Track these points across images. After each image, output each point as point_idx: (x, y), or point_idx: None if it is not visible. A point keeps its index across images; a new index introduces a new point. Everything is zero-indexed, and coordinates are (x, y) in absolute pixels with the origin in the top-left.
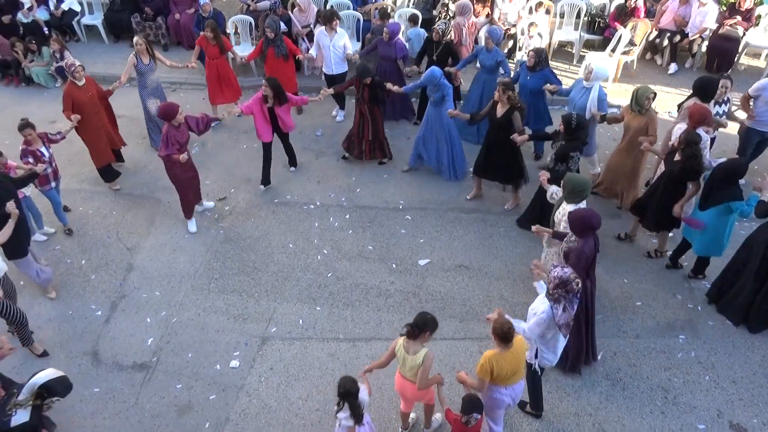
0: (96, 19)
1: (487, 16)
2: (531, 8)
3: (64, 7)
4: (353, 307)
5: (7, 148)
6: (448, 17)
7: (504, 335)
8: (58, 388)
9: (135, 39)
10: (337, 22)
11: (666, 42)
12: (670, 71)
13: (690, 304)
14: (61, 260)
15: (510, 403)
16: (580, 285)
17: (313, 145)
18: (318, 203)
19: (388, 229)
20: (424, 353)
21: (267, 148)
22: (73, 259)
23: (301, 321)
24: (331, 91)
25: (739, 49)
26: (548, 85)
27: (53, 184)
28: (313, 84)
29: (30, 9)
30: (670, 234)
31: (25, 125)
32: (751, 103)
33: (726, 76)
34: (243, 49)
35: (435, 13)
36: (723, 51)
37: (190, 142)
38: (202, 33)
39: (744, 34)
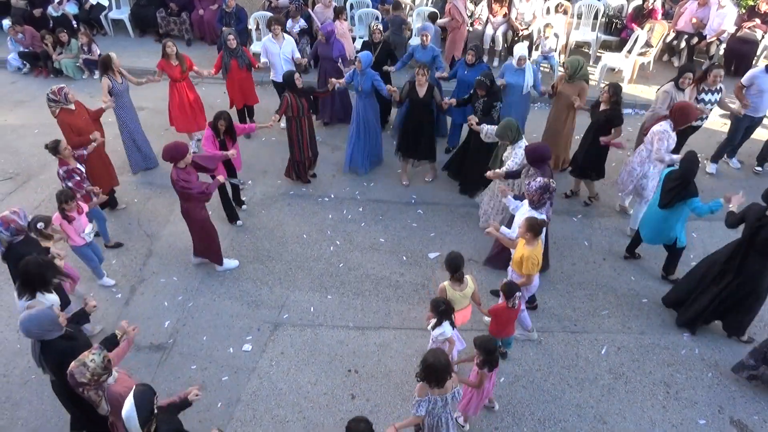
0: (123, 14)
1: (504, 15)
2: (548, 8)
3: (93, 1)
4: (363, 297)
5: (35, 137)
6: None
7: (539, 228)
8: (144, 406)
9: (111, 55)
10: (279, 28)
11: (683, 44)
12: None
13: None
14: None
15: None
16: (554, 183)
17: (329, 140)
18: (332, 196)
19: (399, 222)
20: (469, 278)
21: (222, 189)
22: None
23: (312, 309)
24: (276, 118)
25: (758, 52)
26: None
27: (95, 199)
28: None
29: (60, 3)
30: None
31: (56, 144)
32: (744, 92)
33: (719, 65)
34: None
35: None
36: (741, 54)
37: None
38: (162, 58)
39: (762, 37)
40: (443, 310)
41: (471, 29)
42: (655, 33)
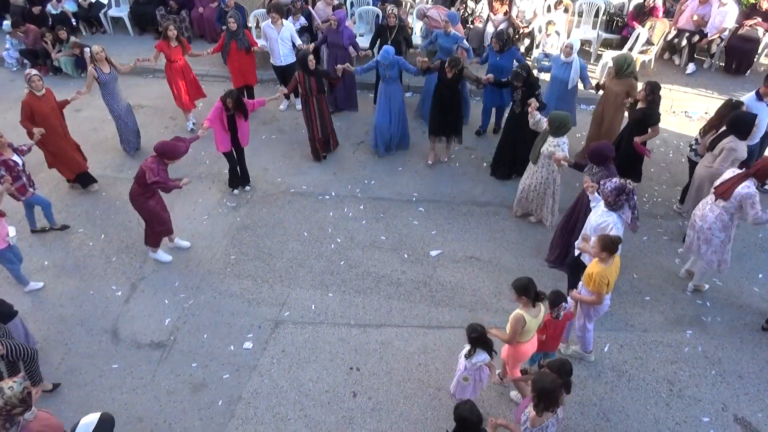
0: (122, 12)
1: (505, 13)
2: (549, 6)
3: None
4: (364, 295)
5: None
6: (467, 14)
7: (613, 246)
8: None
9: (93, 48)
10: (276, 16)
11: (684, 42)
12: (688, 71)
13: (699, 301)
14: (84, 242)
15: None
16: (632, 184)
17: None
18: (333, 194)
19: (401, 220)
20: (541, 307)
21: (228, 156)
22: (95, 241)
23: (313, 306)
24: (285, 90)
25: (759, 50)
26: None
27: (32, 190)
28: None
29: (59, 0)
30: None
31: None
32: None
33: None
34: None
35: (453, 9)
36: (742, 52)
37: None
38: (161, 39)
39: (764, 34)
40: (476, 338)
41: (472, 27)
42: (656, 31)
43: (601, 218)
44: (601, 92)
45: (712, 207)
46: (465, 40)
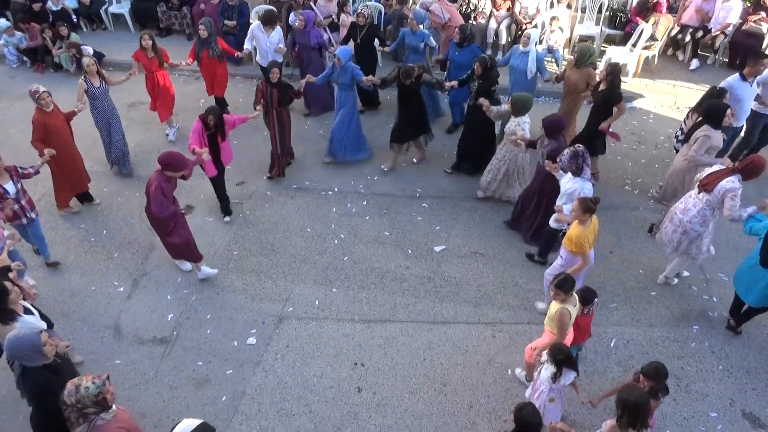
0: (123, 8)
1: (508, 9)
2: (552, 2)
3: None
4: (368, 290)
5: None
6: (469, 9)
7: (594, 206)
8: None
9: (84, 60)
10: (270, 29)
11: (688, 37)
12: (691, 67)
13: (705, 296)
14: (86, 238)
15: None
16: (581, 147)
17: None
18: (336, 189)
19: (404, 215)
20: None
21: (216, 181)
22: (96, 237)
23: (317, 302)
24: (259, 108)
25: (763, 46)
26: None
27: (24, 220)
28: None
29: None
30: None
31: None
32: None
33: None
34: None
35: (456, 5)
36: (746, 47)
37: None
38: (138, 48)
39: None
40: (563, 359)
41: (474, 22)
42: (660, 26)
43: (568, 184)
44: (555, 82)
45: (695, 201)
46: (432, 38)
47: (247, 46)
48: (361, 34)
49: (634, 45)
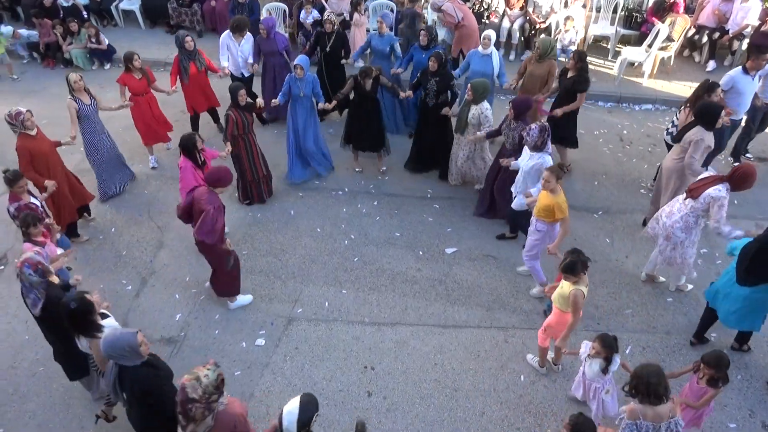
0: (133, 4)
1: (522, 8)
2: (566, 1)
3: None
4: (379, 292)
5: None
6: (482, 8)
7: (561, 172)
8: (309, 412)
9: (70, 76)
10: (240, 36)
11: (705, 38)
12: (708, 69)
13: None
14: (94, 236)
15: None
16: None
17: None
18: (346, 190)
19: (415, 216)
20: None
21: None
22: (105, 235)
23: (327, 303)
24: (229, 147)
25: None
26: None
27: (58, 235)
28: None
29: None
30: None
31: (16, 176)
32: (723, 96)
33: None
34: None
35: (469, 4)
36: (765, 49)
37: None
38: (123, 72)
39: None
40: (614, 345)
41: (487, 21)
42: (677, 27)
43: (531, 161)
44: (517, 86)
45: (681, 206)
46: (398, 43)
47: (224, 62)
48: (329, 43)
49: (649, 45)
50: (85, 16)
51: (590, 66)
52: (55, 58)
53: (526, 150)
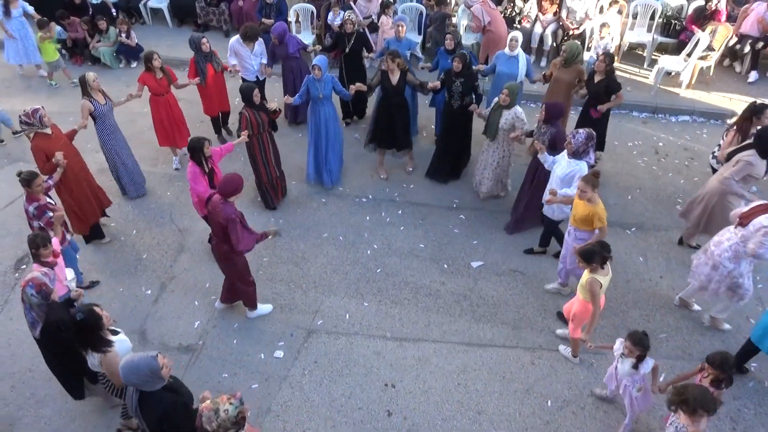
0: (162, 3)
1: (555, 13)
2: (602, 7)
3: None
4: (401, 306)
5: (71, 125)
6: (514, 13)
7: (598, 180)
8: None
9: (88, 75)
10: (250, 43)
11: (747, 48)
12: (750, 80)
13: None
14: (116, 237)
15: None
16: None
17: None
18: (370, 197)
19: (440, 227)
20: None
21: None
22: (126, 236)
23: (348, 316)
24: (245, 136)
25: None
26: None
27: (69, 237)
28: None
29: None
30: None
31: (32, 176)
32: None
33: None
34: (304, 38)
35: (500, 8)
36: None
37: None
38: (144, 71)
39: None
40: (644, 342)
41: (519, 26)
42: (718, 36)
43: (568, 168)
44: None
45: (731, 235)
46: (418, 47)
47: (231, 60)
48: (349, 44)
49: (689, 55)
50: (114, 13)
51: (625, 74)
52: (83, 54)
53: (563, 155)
